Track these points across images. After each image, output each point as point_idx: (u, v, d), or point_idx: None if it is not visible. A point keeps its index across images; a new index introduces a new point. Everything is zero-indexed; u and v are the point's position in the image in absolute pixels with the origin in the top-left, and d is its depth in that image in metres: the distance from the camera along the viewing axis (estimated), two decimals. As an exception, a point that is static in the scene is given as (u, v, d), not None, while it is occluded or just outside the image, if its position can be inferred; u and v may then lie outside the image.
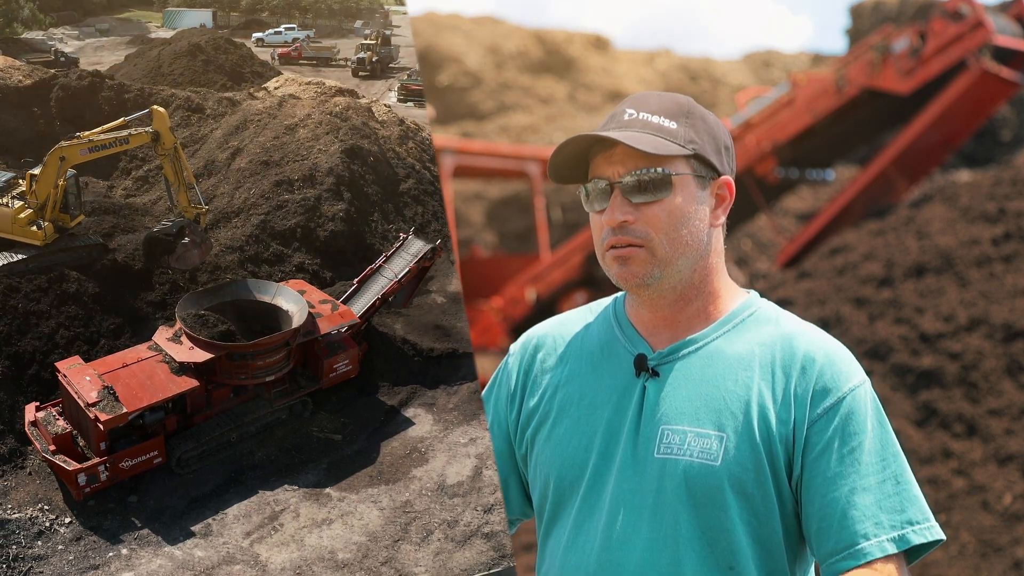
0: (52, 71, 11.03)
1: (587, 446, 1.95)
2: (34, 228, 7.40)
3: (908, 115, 12.07)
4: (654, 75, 23.05)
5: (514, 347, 2.18)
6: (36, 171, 7.49)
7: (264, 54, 12.64)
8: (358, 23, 13.49)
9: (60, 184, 7.39)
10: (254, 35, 12.87)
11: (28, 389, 6.86)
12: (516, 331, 12.94)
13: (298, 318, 7.19)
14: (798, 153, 12.92)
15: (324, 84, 11.64)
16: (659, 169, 1.86)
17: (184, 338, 6.68)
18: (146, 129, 7.49)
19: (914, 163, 12.46)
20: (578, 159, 1.96)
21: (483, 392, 2.23)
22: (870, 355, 9.42)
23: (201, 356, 6.48)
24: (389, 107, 12.16)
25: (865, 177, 12.67)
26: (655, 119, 1.90)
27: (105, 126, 7.67)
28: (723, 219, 1.98)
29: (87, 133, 7.40)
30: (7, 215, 7.44)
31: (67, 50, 11.83)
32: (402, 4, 12.96)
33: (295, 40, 12.89)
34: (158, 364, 6.40)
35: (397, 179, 10.92)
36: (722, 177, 1.96)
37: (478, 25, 23.08)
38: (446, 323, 9.51)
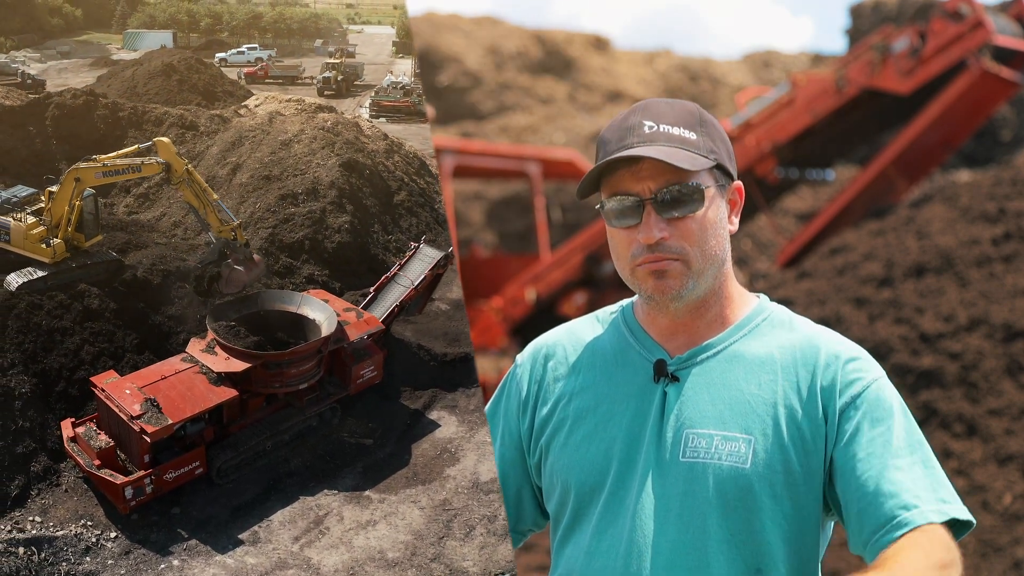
0: (39, 93, 10.97)
1: (607, 452, 1.93)
2: (44, 246, 7.41)
3: (908, 115, 12.08)
4: (654, 75, 22.94)
5: (522, 357, 2.15)
6: (55, 188, 7.52)
7: (230, 73, 12.65)
8: (318, 42, 13.58)
9: (76, 204, 7.42)
10: (216, 55, 12.87)
11: (56, 406, 6.82)
12: (516, 331, 12.94)
13: (327, 326, 7.27)
14: (798, 153, 12.89)
15: (304, 101, 11.61)
16: (692, 183, 1.85)
17: (218, 349, 6.76)
18: (157, 160, 7.54)
19: (914, 163, 12.47)
20: (595, 173, 1.90)
21: (487, 407, 2.18)
22: (870, 355, 9.52)
23: (238, 366, 6.57)
24: (371, 122, 12.20)
25: (865, 177, 12.69)
26: (676, 131, 1.87)
27: (119, 152, 7.73)
28: (737, 222, 1.99)
29: (103, 157, 7.44)
30: (19, 230, 7.45)
31: (31, 72, 11.84)
32: (356, 23, 13.03)
33: (258, 59, 12.91)
34: (196, 375, 6.47)
35: (391, 191, 11.02)
36: (735, 182, 1.98)
37: (478, 25, 22.90)
38: (453, 328, 9.62)
